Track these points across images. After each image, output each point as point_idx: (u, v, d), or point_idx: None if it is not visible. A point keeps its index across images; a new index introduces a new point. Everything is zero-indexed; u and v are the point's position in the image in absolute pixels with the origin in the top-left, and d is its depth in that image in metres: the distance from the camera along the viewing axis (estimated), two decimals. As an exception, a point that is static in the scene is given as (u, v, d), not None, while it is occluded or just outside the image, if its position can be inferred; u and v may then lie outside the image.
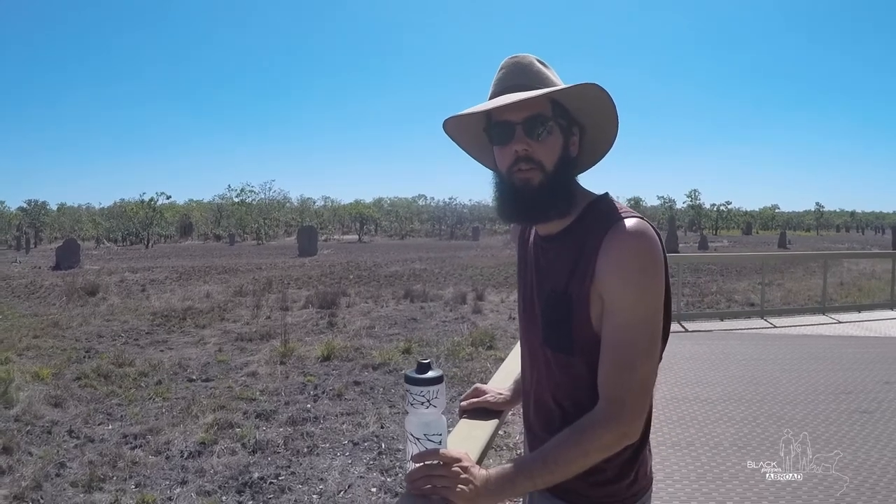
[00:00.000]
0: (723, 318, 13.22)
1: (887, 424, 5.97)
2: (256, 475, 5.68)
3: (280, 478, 5.66)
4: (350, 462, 6.01)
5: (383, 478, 5.61)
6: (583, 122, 1.65)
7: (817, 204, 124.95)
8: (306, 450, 6.30)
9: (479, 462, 1.59)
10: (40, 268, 27.88)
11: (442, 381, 1.42)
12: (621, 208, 1.59)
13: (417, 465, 1.42)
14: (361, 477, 5.68)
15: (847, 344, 10.00)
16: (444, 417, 1.44)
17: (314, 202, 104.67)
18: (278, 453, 6.22)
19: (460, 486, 1.38)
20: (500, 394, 2.03)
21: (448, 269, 26.46)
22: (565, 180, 1.60)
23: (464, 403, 2.02)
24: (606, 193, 1.67)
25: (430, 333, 12.25)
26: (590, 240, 1.54)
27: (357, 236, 75.00)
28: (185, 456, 6.13)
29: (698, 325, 11.95)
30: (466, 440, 1.72)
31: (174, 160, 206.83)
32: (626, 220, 1.52)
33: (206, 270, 25.94)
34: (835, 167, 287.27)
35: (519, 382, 2.06)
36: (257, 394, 8.12)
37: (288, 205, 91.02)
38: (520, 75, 1.59)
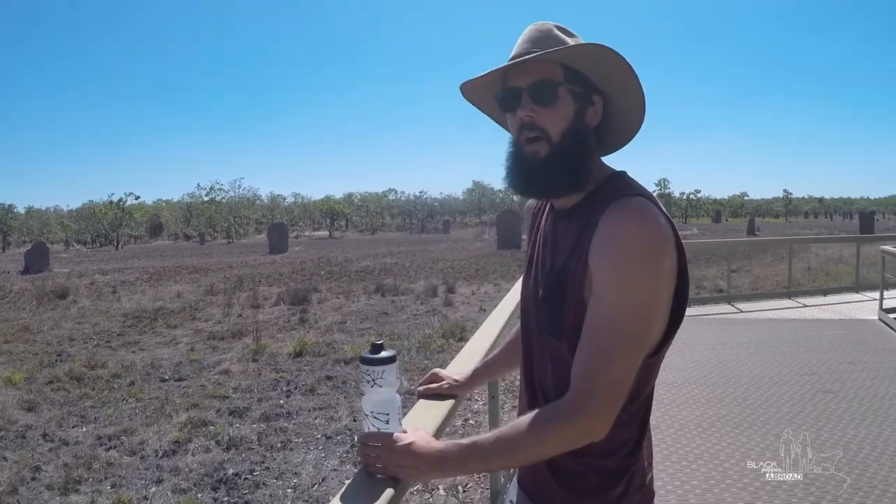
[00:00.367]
0: (690, 303, 13.24)
1: (850, 403, 6.11)
2: (231, 471, 5.73)
3: (254, 473, 5.72)
4: (323, 456, 6.08)
5: (356, 470, 5.65)
6: (606, 91, 1.54)
7: (785, 191, 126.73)
8: (280, 445, 6.36)
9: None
10: (9, 272, 27.45)
11: (391, 362, 1.41)
12: (632, 185, 1.49)
13: (362, 443, 1.46)
14: (335, 470, 5.76)
15: (812, 327, 10.16)
16: (397, 397, 1.44)
17: (284, 199, 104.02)
18: (252, 449, 6.27)
19: (399, 465, 1.41)
20: (457, 380, 2.03)
21: (419, 262, 26.48)
22: (577, 152, 1.49)
23: (420, 389, 2.03)
24: (624, 171, 1.56)
25: (402, 327, 12.31)
26: (593, 217, 1.44)
27: (328, 232, 74.89)
28: (160, 455, 6.16)
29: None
30: (422, 419, 1.76)
31: (142, 160, 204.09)
32: (629, 197, 1.42)
33: (176, 270, 25.73)
34: (803, 154, 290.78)
35: (482, 365, 2.10)
36: (230, 392, 8.14)
37: (258, 202, 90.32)
38: (535, 42, 1.50)
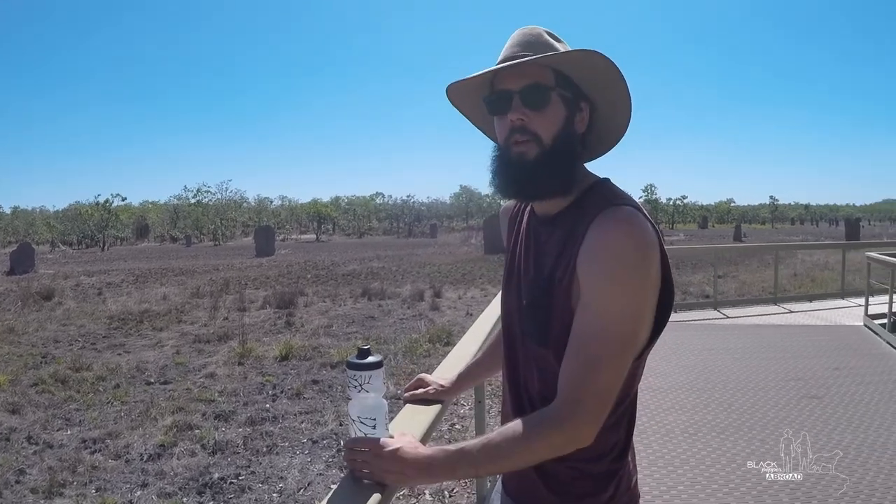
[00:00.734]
0: (677, 309, 13.35)
1: (836, 409, 6.15)
2: (217, 475, 5.70)
3: (240, 477, 5.69)
4: (309, 460, 6.06)
5: (342, 474, 5.63)
6: (593, 98, 1.56)
7: (772, 197, 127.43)
8: (266, 449, 6.33)
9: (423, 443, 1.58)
10: (-6, 273, 27.37)
11: (378, 367, 1.41)
12: (619, 195, 1.49)
13: (349, 448, 1.44)
14: (321, 474, 5.74)
15: (798, 333, 10.22)
16: (383, 402, 1.44)
17: (271, 202, 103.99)
18: (238, 453, 6.24)
19: (386, 471, 1.39)
20: (443, 385, 2.04)
21: (406, 266, 26.49)
22: (566, 156, 1.50)
23: (406, 395, 2.03)
24: (607, 178, 1.57)
25: (388, 331, 12.29)
26: (579, 225, 1.44)
27: (315, 235, 74.50)
28: (145, 459, 6.12)
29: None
30: (409, 424, 1.76)
31: (129, 161, 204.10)
32: (618, 207, 1.42)
33: (162, 272, 25.61)
34: (789, 161, 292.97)
35: (465, 370, 2.10)
36: (216, 395, 8.10)
37: (245, 205, 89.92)
38: (526, 46, 1.51)
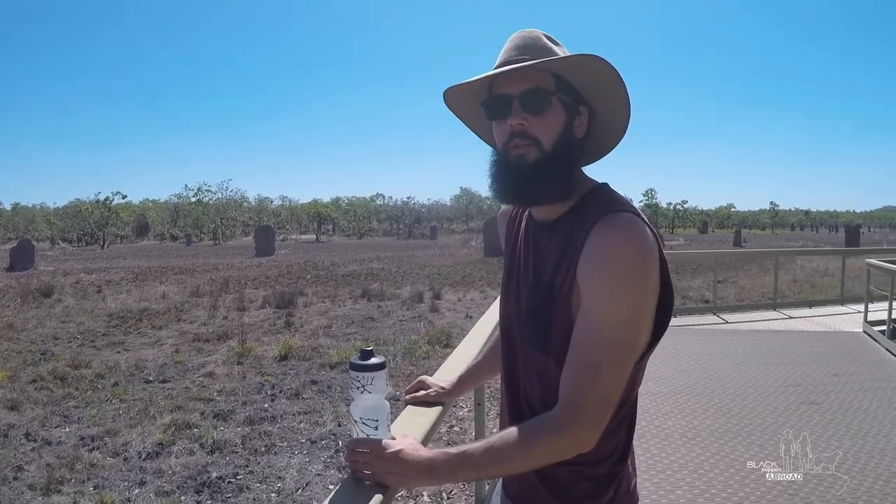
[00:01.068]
0: (676, 314, 13.34)
1: (835, 415, 6.14)
2: (215, 475, 5.69)
3: (238, 477, 5.69)
4: (308, 460, 6.05)
5: (341, 475, 5.63)
6: (592, 102, 1.55)
7: (772, 203, 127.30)
8: (264, 449, 6.32)
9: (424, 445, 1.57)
10: (-6, 269, 27.36)
11: (381, 369, 1.41)
12: (618, 201, 1.49)
13: (350, 449, 1.43)
14: (319, 475, 5.73)
15: (798, 338, 10.21)
16: (385, 403, 1.43)
17: (271, 202, 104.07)
18: (236, 453, 6.23)
19: (387, 472, 1.38)
20: (443, 387, 2.04)
21: (405, 268, 26.48)
22: (565, 161, 1.50)
23: (407, 397, 2.03)
24: (606, 183, 1.56)
25: (388, 332, 12.28)
26: (579, 231, 1.44)
27: (315, 236, 74.53)
28: (143, 457, 6.11)
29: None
30: (410, 426, 1.76)
31: (130, 159, 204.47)
32: (617, 213, 1.42)
33: (162, 271, 25.62)
34: (789, 167, 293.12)
35: (466, 372, 2.10)
36: (215, 394, 8.09)
37: (245, 204, 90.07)
38: (524, 49, 1.49)
